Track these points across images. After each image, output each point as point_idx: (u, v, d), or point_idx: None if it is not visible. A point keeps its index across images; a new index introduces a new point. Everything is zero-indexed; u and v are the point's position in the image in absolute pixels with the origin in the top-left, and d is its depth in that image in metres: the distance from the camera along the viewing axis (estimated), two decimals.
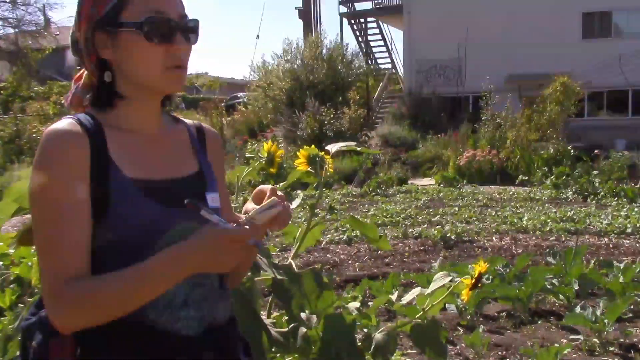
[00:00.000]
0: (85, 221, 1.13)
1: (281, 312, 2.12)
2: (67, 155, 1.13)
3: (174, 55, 1.21)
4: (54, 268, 1.11)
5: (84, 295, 1.10)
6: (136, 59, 1.20)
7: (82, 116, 1.21)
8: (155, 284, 1.10)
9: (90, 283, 1.11)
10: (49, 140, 1.15)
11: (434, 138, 16.97)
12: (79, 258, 1.12)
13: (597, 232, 7.37)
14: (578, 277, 4.86)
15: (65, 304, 1.10)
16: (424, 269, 5.75)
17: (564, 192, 11.05)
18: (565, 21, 21.09)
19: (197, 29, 1.25)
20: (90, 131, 1.18)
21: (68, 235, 1.12)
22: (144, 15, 1.18)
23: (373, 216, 8.77)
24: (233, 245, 1.07)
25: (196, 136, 1.37)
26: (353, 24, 26.59)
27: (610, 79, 20.55)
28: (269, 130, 19.70)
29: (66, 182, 1.12)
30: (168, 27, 1.20)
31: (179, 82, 1.23)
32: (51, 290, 1.11)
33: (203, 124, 1.42)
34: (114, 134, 1.21)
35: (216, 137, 1.43)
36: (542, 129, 15.36)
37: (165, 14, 1.20)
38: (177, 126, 1.36)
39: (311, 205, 2.04)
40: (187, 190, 1.26)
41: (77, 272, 1.11)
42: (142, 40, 1.18)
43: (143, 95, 1.24)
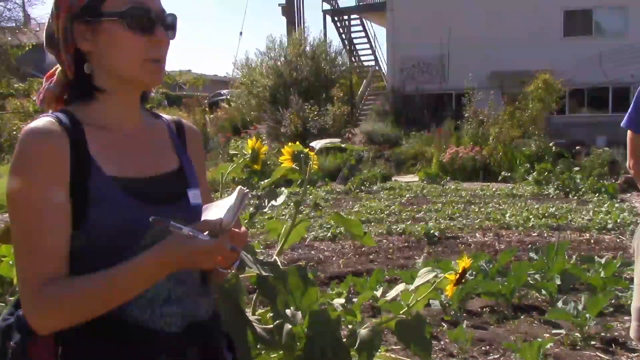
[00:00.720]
0: (63, 223, 1.12)
1: (266, 309, 2.11)
2: (45, 156, 1.12)
3: (154, 47, 1.20)
4: (31, 269, 1.10)
5: (60, 296, 1.09)
6: (117, 49, 1.19)
7: (61, 114, 1.19)
8: (131, 287, 1.10)
9: (66, 285, 1.10)
10: (27, 139, 1.13)
11: (417, 135, 17.02)
12: (56, 260, 1.12)
13: (578, 228, 7.45)
14: (560, 272, 4.91)
15: (41, 305, 1.10)
16: (408, 265, 5.78)
17: (546, 188, 11.15)
18: (547, 19, 21.25)
19: (175, 24, 1.25)
20: (70, 129, 1.16)
21: (45, 237, 1.11)
22: (125, 6, 1.17)
23: (357, 213, 8.79)
24: (209, 256, 1.08)
25: (176, 132, 1.36)
26: (336, 21, 26.56)
27: (591, 76, 20.73)
28: (252, 128, 19.66)
29: (44, 184, 1.11)
30: (149, 19, 1.19)
31: (157, 74, 1.22)
32: (28, 291, 1.10)
33: (182, 120, 1.42)
34: (93, 132, 1.20)
35: (196, 132, 1.42)
36: (524, 126, 15.47)
37: (146, 6, 1.19)
38: (156, 122, 1.35)
39: (296, 202, 2.04)
40: (168, 187, 1.26)
41: (54, 273, 1.11)
42: (124, 31, 1.18)
43: (122, 89, 1.23)
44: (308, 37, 23.30)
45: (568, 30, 21.73)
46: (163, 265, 1.09)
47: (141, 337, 1.17)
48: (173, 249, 1.07)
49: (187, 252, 1.07)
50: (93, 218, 1.14)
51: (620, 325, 4.10)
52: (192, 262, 1.09)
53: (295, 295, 1.89)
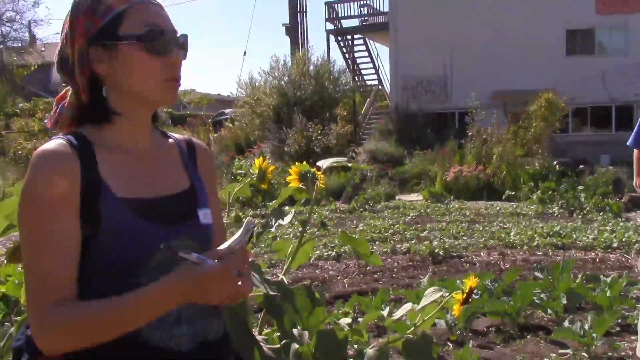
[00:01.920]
0: (73, 246, 1.13)
1: (273, 329, 2.11)
2: (55, 180, 1.12)
3: (171, 67, 1.22)
4: (40, 292, 1.11)
5: (68, 320, 1.09)
6: (135, 71, 1.20)
7: (72, 136, 1.20)
8: (138, 317, 1.10)
9: (73, 309, 1.10)
10: (39, 162, 1.14)
11: (420, 154, 17.04)
12: (64, 283, 1.12)
13: (583, 247, 7.42)
14: (566, 291, 4.89)
15: (48, 328, 1.10)
16: (413, 284, 5.75)
17: (550, 207, 11.12)
18: (549, 38, 21.35)
19: (187, 44, 1.27)
20: (81, 151, 1.17)
21: (53, 261, 1.11)
22: (143, 29, 1.20)
23: (361, 232, 8.77)
24: (216, 282, 1.07)
25: (186, 151, 1.37)
26: (340, 41, 26.73)
27: (594, 95, 20.78)
28: (256, 147, 19.69)
29: (53, 208, 1.12)
30: (166, 40, 1.21)
31: (174, 93, 1.25)
32: (35, 313, 1.11)
33: (193, 139, 1.43)
34: (105, 153, 1.21)
35: (207, 151, 1.43)
36: (527, 145, 15.48)
37: (162, 28, 1.21)
38: (167, 142, 1.36)
39: (302, 222, 2.05)
40: (179, 207, 1.26)
41: (62, 296, 1.11)
42: (142, 53, 1.19)
43: (137, 110, 1.24)
44: (312, 56, 23.45)
45: (571, 50, 21.83)
46: (171, 295, 1.08)
47: (152, 357, 1.18)
48: (181, 278, 1.07)
49: (195, 278, 1.06)
50: (104, 239, 1.14)
51: (627, 344, 4.07)
52: (201, 289, 1.07)
53: (302, 314, 1.88)
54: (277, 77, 22.87)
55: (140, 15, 1.20)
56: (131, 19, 1.20)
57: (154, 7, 1.23)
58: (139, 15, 1.20)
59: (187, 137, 1.42)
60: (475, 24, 21.78)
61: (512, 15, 21.43)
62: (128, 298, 1.08)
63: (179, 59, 1.24)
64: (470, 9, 21.90)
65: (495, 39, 21.52)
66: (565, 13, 21.09)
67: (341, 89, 22.91)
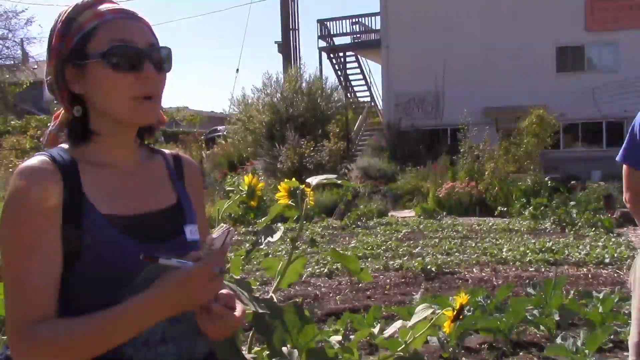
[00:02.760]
0: (52, 265, 1.11)
1: (262, 347, 2.09)
2: (36, 197, 1.11)
3: (143, 84, 1.18)
4: (19, 310, 1.09)
5: (46, 338, 1.07)
6: (104, 90, 1.18)
7: (55, 152, 1.19)
8: (121, 332, 1.08)
9: (53, 327, 1.09)
10: (20, 178, 1.12)
11: (413, 170, 17.08)
12: (44, 302, 1.10)
13: (575, 263, 7.42)
14: (558, 307, 4.88)
15: (27, 347, 1.08)
16: (405, 301, 5.73)
17: (542, 222, 11.15)
18: (540, 55, 21.55)
19: (168, 57, 1.23)
20: (63, 168, 1.16)
21: (33, 279, 1.10)
22: (107, 45, 1.17)
23: (354, 248, 8.75)
24: (199, 282, 1.06)
25: (174, 166, 1.36)
26: (332, 58, 26.88)
27: (585, 111, 20.95)
28: (248, 163, 19.70)
29: (33, 226, 1.11)
30: (134, 55, 1.17)
31: (149, 113, 1.20)
32: (14, 332, 1.09)
33: (180, 154, 1.41)
34: (89, 169, 1.19)
35: (194, 166, 1.42)
36: (519, 161, 15.56)
37: (132, 43, 1.18)
38: (154, 157, 1.35)
39: (292, 239, 2.04)
40: (165, 224, 1.25)
41: (42, 314, 1.09)
42: (109, 70, 1.17)
43: (116, 129, 1.22)
44: (304, 73, 23.57)
45: (561, 66, 22.04)
46: (157, 307, 1.07)
47: None
48: (165, 287, 1.06)
49: (178, 282, 1.05)
50: (87, 256, 1.13)
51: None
52: (186, 292, 1.06)
53: (292, 332, 1.87)
54: (269, 94, 22.95)
55: (108, 31, 1.18)
56: (98, 37, 1.18)
57: (125, 22, 1.20)
58: (107, 32, 1.18)
59: (174, 152, 1.41)
60: (466, 41, 21.97)
61: (503, 32, 21.65)
62: (109, 314, 1.07)
63: (150, 74, 1.18)
64: (462, 26, 22.11)
65: (486, 56, 21.72)
66: (555, 30, 21.33)
67: (334, 105, 23.00)
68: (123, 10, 1.21)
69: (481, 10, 22.04)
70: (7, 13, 26.75)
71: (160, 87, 1.22)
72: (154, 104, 1.21)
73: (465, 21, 22.14)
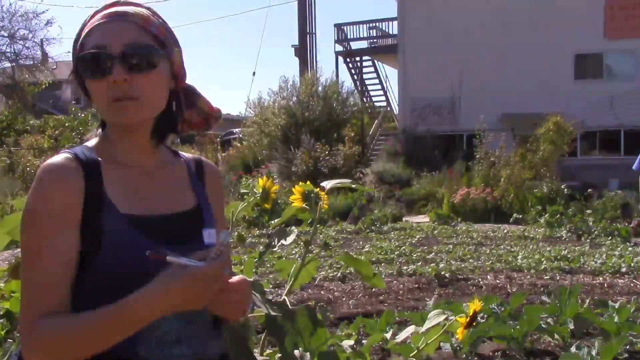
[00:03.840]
0: (69, 260, 1.13)
1: (274, 349, 2.09)
2: (57, 194, 1.13)
3: (112, 88, 1.17)
4: (31, 303, 1.11)
5: (48, 333, 1.09)
6: (91, 96, 1.21)
7: (80, 150, 1.21)
8: (122, 326, 1.09)
9: (61, 321, 1.10)
10: (43, 175, 1.15)
11: (428, 176, 17.02)
12: (55, 295, 1.12)
13: (591, 272, 7.35)
14: (573, 316, 4.83)
15: (32, 339, 1.10)
16: (419, 307, 5.71)
17: (558, 230, 11.05)
18: (558, 62, 21.42)
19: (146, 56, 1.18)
20: (86, 166, 1.17)
21: (46, 272, 1.11)
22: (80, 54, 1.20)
23: (367, 253, 8.73)
24: (207, 281, 1.07)
25: (195, 171, 1.36)
26: (348, 62, 26.89)
27: (603, 119, 20.78)
28: (263, 166, 19.74)
29: (54, 220, 1.12)
30: (101, 61, 1.17)
31: (122, 114, 1.18)
32: (24, 324, 1.11)
33: (203, 158, 1.42)
34: (111, 169, 1.21)
35: (215, 171, 1.42)
36: (535, 168, 15.44)
37: (104, 47, 1.17)
38: (176, 160, 1.36)
39: (306, 242, 2.04)
40: (183, 226, 1.26)
41: (53, 308, 1.11)
42: (87, 77, 1.20)
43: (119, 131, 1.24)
44: (320, 77, 23.58)
45: (579, 74, 21.88)
46: (156, 304, 1.07)
47: None
48: (167, 282, 1.06)
49: (185, 280, 1.05)
50: (105, 254, 1.14)
51: None
52: (192, 292, 1.07)
53: (304, 335, 1.86)
54: (285, 97, 22.99)
55: (89, 39, 1.20)
56: (84, 44, 1.21)
57: (105, 27, 1.19)
58: (88, 40, 1.20)
59: (197, 157, 1.41)
60: (484, 47, 21.89)
61: (521, 38, 21.54)
62: (112, 308, 1.08)
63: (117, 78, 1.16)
64: (480, 32, 22.03)
65: (504, 62, 21.62)
66: (574, 38, 21.18)
67: (349, 110, 23.00)
68: (113, 13, 1.20)
69: (499, 15, 21.94)
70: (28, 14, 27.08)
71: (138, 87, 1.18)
72: (129, 105, 1.17)
73: (482, 27, 22.06)
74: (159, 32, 1.22)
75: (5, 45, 26.64)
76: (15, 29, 26.62)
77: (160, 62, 1.21)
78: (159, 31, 1.23)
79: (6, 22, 26.47)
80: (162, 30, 1.24)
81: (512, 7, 21.83)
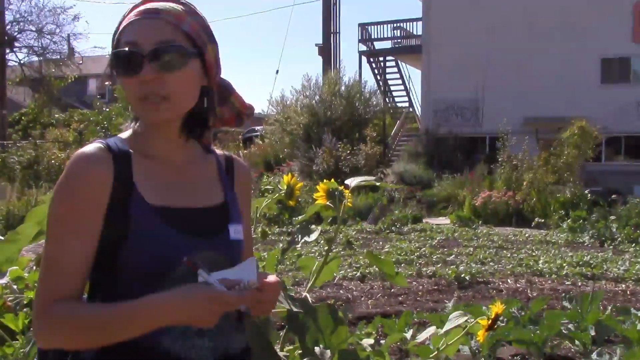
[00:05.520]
0: (87, 246, 1.15)
1: (295, 346, 2.10)
2: (85, 182, 1.15)
3: (141, 86, 1.18)
4: (47, 287, 1.14)
5: (62, 317, 1.11)
6: (125, 92, 1.23)
7: (112, 141, 1.23)
8: (133, 327, 1.11)
9: (76, 307, 1.13)
10: (75, 162, 1.17)
11: (449, 177, 16.93)
12: (72, 281, 1.14)
13: (614, 278, 7.26)
14: (594, 323, 4.78)
15: (44, 322, 1.12)
16: (438, 308, 5.68)
17: (581, 236, 10.93)
18: (584, 66, 21.17)
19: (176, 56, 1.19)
20: (117, 157, 1.19)
21: (64, 257, 1.14)
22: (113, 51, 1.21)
23: (387, 253, 8.71)
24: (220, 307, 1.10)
25: (225, 167, 1.38)
26: (372, 62, 26.84)
27: (629, 124, 20.50)
28: (285, 164, 19.78)
29: (77, 208, 1.14)
30: (131, 58, 1.18)
31: (152, 112, 1.19)
32: (37, 306, 1.14)
33: (234, 156, 1.43)
34: (141, 161, 1.23)
35: (245, 169, 1.43)
36: (559, 172, 15.28)
37: (136, 44, 1.18)
38: (207, 156, 1.36)
39: (328, 239, 2.04)
40: (210, 220, 1.27)
41: (68, 294, 1.13)
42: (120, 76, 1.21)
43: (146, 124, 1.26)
44: (343, 77, 23.58)
45: (605, 78, 21.59)
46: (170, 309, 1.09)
47: None
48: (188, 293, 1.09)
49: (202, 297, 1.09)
50: (132, 244, 1.16)
51: None
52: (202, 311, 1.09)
53: (324, 333, 1.87)
54: (308, 96, 23.02)
55: (123, 35, 1.21)
56: (119, 40, 1.22)
57: (137, 23, 1.20)
58: (123, 36, 1.21)
59: (228, 154, 1.42)
60: (508, 49, 21.70)
61: (547, 41, 21.31)
62: (131, 305, 1.10)
63: (147, 77, 1.17)
64: (504, 34, 21.85)
65: (528, 65, 21.41)
66: (600, 41, 20.91)
67: (371, 109, 22.96)
68: (145, 10, 1.21)
69: (525, 18, 21.74)
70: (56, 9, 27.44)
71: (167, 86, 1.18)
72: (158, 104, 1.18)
73: (507, 29, 21.87)
74: (191, 30, 1.22)
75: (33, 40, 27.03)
76: (43, 23, 27.00)
77: (190, 61, 1.21)
78: (192, 29, 1.23)
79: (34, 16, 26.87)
80: (194, 28, 1.23)
81: (538, 9, 21.61)
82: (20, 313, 2.77)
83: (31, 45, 27.01)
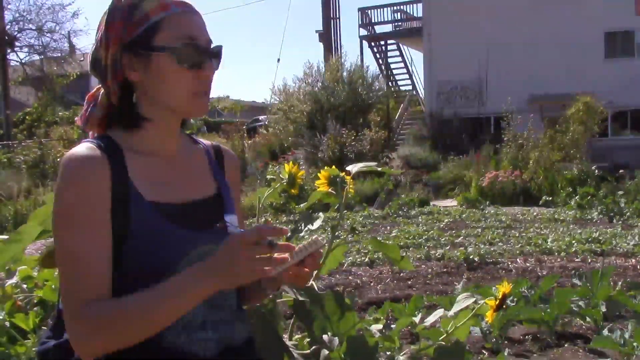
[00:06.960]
0: (106, 244, 1.14)
1: (303, 335, 2.10)
2: (87, 180, 1.14)
3: (202, 81, 1.22)
4: (74, 290, 1.11)
5: (103, 317, 1.09)
6: (167, 83, 1.20)
7: (101, 140, 1.22)
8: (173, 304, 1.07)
9: (109, 305, 1.10)
10: (69, 166, 1.15)
11: (455, 159, 16.89)
12: (99, 280, 1.12)
13: (623, 254, 7.24)
14: (605, 299, 4.77)
15: (84, 327, 1.09)
16: (447, 291, 5.68)
17: (589, 212, 10.89)
18: (587, 41, 20.98)
19: (220, 54, 1.26)
20: (110, 155, 1.18)
21: (88, 259, 1.12)
22: (178, 41, 1.19)
23: (395, 238, 8.71)
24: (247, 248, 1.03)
25: (214, 157, 1.38)
26: (373, 47, 26.72)
27: (634, 98, 20.34)
28: (290, 153, 19.77)
29: (87, 207, 1.13)
30: (199, 54, 1.21)
31: (204, 107, 1.25)
32: (71, 313, 1.11)
33: (221, 145, 1.43)
34: (134, 157, 1.22)
35: (234, 158, 1.43)
36: (565, 149, 15.21)
37: (197, 40, 1.20)
38: (195, 147, 1.37)
39: (333, 227, 2.03)
40: (206, 212, 1.27)
41: (97, 294, 1.11)
42: (175, 65, 1.19)
43: (166, 117, 1.25)
44: (345, 62, 23.50)
45: (609, 52, 21.41)
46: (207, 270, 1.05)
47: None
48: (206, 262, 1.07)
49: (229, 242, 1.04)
50: (134, 243, 1.15)
51: None
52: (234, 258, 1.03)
53: (332, 320, 1.87)
54: (310, 83, 22.97)
55: (176, 26, 1.19)
56: (167, 30, 1.19)
57: (190, 17, 1.22)
58: (175, 26, 1.19)
59: (215, 144, 1.43)
60: (510, 27, 21.54)
61: (549, 17, 21.13)
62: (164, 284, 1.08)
63: (211, 73, 1.23)
64: (505, 12, 21.68)
65: (531, 42, 21.25)
66: (603, 15, 20.71)
67: (375, 94, 22.88)
68: (185, 3, 1.22)
69: None
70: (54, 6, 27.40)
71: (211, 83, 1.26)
72: (208, 99, 1.25)
73: (509, 6, 21.69)
74: None
75: (33, 39, 27.02)
76: (43, 21, 26.98)
77: None
78: None
79: (33, 15, 26.84)
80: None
81: None
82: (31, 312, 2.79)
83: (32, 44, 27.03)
